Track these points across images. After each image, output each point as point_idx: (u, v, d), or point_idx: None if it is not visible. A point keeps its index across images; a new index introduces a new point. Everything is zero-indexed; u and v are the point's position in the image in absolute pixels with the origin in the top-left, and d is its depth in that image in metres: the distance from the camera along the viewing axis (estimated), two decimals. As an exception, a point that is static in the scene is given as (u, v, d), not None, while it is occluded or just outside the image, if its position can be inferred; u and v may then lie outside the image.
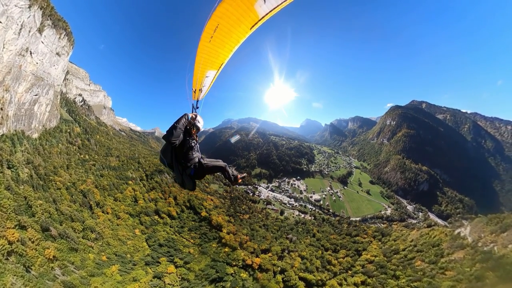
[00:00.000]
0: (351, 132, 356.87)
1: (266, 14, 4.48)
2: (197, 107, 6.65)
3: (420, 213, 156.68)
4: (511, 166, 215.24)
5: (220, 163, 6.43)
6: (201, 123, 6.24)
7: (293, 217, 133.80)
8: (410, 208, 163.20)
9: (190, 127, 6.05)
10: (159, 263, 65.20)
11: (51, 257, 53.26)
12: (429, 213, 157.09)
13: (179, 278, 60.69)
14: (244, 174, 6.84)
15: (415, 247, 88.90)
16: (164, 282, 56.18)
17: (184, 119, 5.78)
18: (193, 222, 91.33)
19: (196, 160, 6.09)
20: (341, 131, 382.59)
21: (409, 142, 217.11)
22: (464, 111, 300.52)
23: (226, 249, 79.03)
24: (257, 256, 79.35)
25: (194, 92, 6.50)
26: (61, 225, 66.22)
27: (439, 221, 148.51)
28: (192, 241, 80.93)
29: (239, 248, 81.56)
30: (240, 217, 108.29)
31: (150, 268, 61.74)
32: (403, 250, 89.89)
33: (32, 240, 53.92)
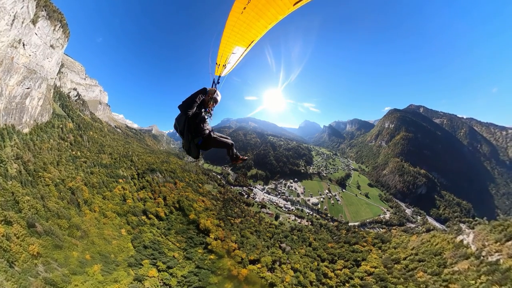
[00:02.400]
0: (349, 134, 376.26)
1: None
2: (218, 83, 7.07)
3: (419, 217, 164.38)
4: (506, 171, 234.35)
5: (228, 140, 7.17)
6: (219, 97, 6.95)
7: (288, 222, 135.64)
8: (408, 211, 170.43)
9: (208, 100, 6.71)
10: (142, 265, 68.55)
11: (35, 253, 57.39)
12: (427, 217, 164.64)
13: (160, 283, 63.53)
14: (246, 157, 7.71)
15: (417, 255, 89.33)
16: (144, 285, 59.17)
17: (201, 94, 6.43)
18: (181, 225, 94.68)
19: (207, 132, 6.70)
20: (339, 133, 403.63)
21: (407, 145, 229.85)
22: (460, 116, 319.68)
23: (212, 256, 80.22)
24: (244, 267, 79.30)
25: (218, 66, 6.63)
26: (47, 221, 70.52)
27: (437, 224, 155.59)
28: (178, 244, 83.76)
29: (226, 256, 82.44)
30: (231, 221, 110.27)
31: (132, 270, 65.25)
32: (404, 259, 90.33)
33: (17, 235, 58.21)
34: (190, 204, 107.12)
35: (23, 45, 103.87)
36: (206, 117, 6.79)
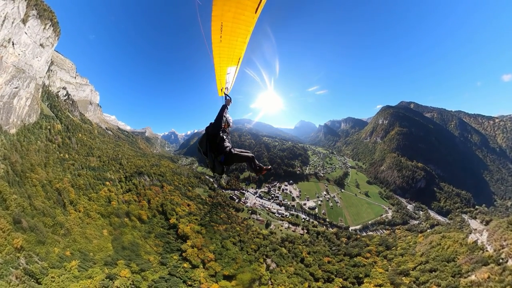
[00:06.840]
0: (344, 132, 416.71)
1: None
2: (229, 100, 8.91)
3: (421, 212, 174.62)
4: (497, 157, 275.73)
5: (249, 154, 8.35)
6: (231, 120, 9.08)
7: (280, 231, 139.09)
8: (410, 207, 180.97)
9: (224, 122, 8.45)
10: (116, 265, 79.28)
11: (18, 246, 69.76)
12: (429, 211, 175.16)
13: (131, 284, 72.25)
14: (270, 167, 8.56)
15: (427, 263, 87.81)
16: (113, 283, 69.16)
17: (224, 108, 8.48)
18: (161, 229, 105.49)
19: (228, 150, 8.14)
20: (334, 131, 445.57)
21: (402, 139, 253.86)
22: (449, 109, 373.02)
23: (186, 265, 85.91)
24: (216, 282, 79.59)
25: (221, 90, 8.54)
26: (32, 219, 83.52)
27: (440, 218, 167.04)
28: (155, 248, 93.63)
29: (201, 266, 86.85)
30: (214, 228, 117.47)
31: (107, 269, 76.19)
32: (413, 269, 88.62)
33: (3, 230, 70.89)
34: (173, 208, 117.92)
35: (13, 44, 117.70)
36: (224, 136, 8.40)
